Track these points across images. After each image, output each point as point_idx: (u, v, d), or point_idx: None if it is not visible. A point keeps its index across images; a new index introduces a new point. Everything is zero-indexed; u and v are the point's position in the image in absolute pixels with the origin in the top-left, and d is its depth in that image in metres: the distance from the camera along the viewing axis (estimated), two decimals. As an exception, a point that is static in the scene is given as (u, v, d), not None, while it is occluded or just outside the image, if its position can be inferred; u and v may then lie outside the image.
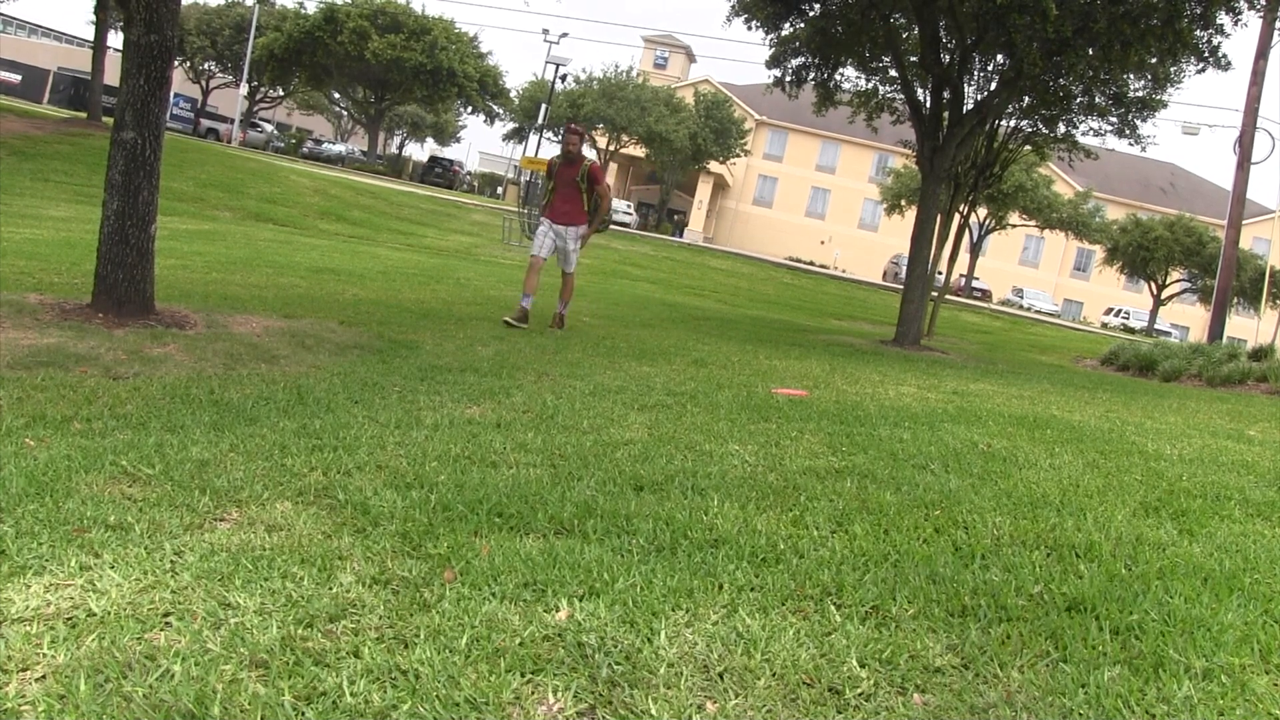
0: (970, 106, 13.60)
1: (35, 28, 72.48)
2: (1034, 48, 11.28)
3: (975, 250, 25.58)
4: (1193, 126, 26.67)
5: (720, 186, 57.74)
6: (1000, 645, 1.97)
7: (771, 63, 15.26)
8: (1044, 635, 2.05)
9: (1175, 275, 39.97)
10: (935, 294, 18.39)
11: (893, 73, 15.59)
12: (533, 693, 1.66)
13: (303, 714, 1.54)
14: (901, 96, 15.32)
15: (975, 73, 14.91)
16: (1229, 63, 12.39)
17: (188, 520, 2.38)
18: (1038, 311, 43.44)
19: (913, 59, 14.27)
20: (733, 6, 14.21)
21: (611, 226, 40.69)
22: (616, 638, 1.87)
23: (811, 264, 45.30)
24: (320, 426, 3.53)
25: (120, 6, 5.86)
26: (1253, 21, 18.92)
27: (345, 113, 62.25)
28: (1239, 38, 43.77)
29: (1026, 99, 15.13)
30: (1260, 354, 11.72)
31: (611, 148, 50.15)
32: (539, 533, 2.49)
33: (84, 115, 28.62)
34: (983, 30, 12.18)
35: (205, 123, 47.45)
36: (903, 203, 29.93)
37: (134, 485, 2.64)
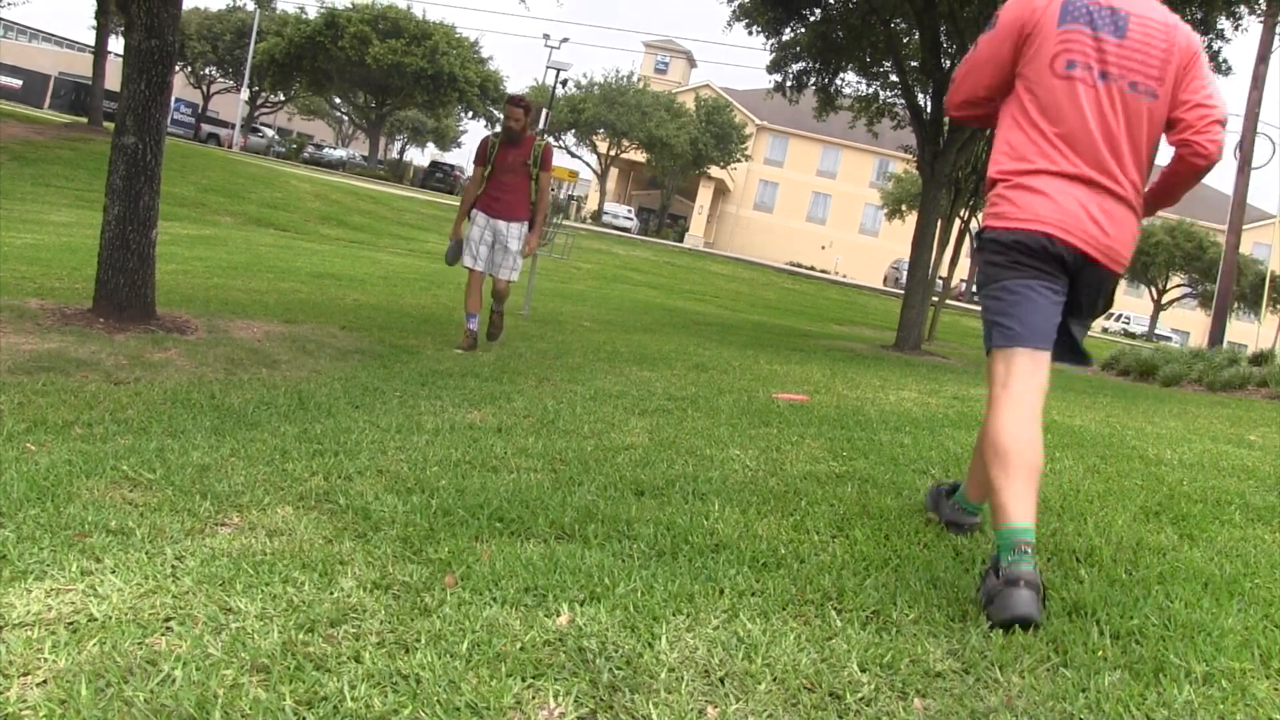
0: (971, 111, 13.60)
1: (36, 33, 72.61)
2: (1034, 53, 11.28)
3: (976, 255, 25.61)
4: (1193, 131, 26.66)
5: (721, 191, 57.79)
6: (1001, 650, 1.97)
7: (772, 68, 15.30)
8: (1045, 640, 2.05)
9: (1176, 280, 40.02)
10: (936, 299, 18.39)
11: (894, 78, 15.63)
12: (534, 697, 1.66)
13: (304, 719, 1.54)
14: (902, 101, 15.35)
15: (976, 78, 14.91)
16: (1229, 68, 12.43)
17: (189, 525, 2.38)
18: (1038, 316, 43.35)
19: (914, 64, 14.31)
20: (733, 11, 14.26)
21: (612, 231, 40.64)
22: (617, 642, 1.87)
23: (812, 269, 45.35)
24: (321, 431, 3.54)
25: (121, 11, 5.89)
26: (1253, 26, 18.95)
27: (346, 118, 62.35)
28: (1239, 42, 43.87)
29: (1027, 104, 15.13)
30: (1261, 359, 11.72)
31: (612, 153, 50.21)
32: (540, 538, 2.49)
33: (85, 120, 28.69)
34: (983, 35, 12.18)
35: (206, 128, 47.52)
36: (903, 208, 30.00)
37: (135, 490, 2.64)
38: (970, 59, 2.58)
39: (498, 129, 6.77)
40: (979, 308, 2.60)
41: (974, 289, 2.63)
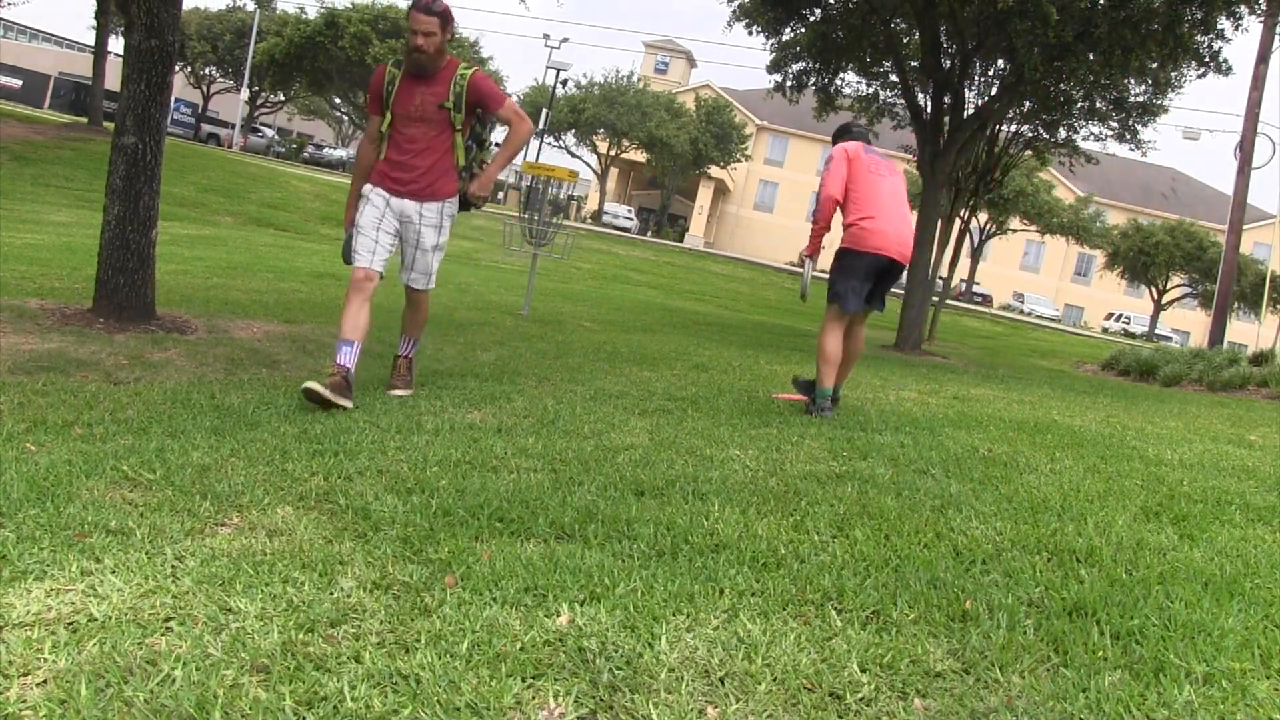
0: (971, 111, 13.63)
1: (36, 33, 72.60)
2: (1035, 53, 11.30)
3: (976, 255, 25.60)
4: (1193, 131, 26.71)
5: (721, 191, 57.78)
6: (1001, 650, 1.97)
7: (772, 68, 15.30)
8: (1045, 640, 2.05)
9: (1176, 280, 39.99)
10: (936, 299, 18.38)
11: (893, 78, 15.64)
12: (534, 698, 1.66)
13: (304, 719, 1.54)
14: (902, 101, 15.36)
15: (976, 78, 14.94)
16: (1229, 67, 12.42)
17: (189, 525, 2.38)
18: (1039, 316, 43.48)
19: (913, 64, 14.31)
20: (733, 11, 14.26)
21: (612, 231, 40.42)
22: (617, 642, 1.87)
23: (812, 269, 45.26)
24: (321, 431, 3.53)
25: (121, 11, 5.88)
26: (1253, 26, 18.94)
27: (346, 118, 62.29)
28: (1239, 42, 43.86)
29: (1027, 104, 15.17)
30: (1261, 359, 11.72)
31: (612, 153, 50.19)
32: (540, 538, 2.49)
33: (85, 120, 28.70)
34: (984, 35, 12.21)
35: (206, 128, 47.52)
36: (903, 207, 29.91)
37: (135, 490, 2.64)
38: (833, 175, 4.93)
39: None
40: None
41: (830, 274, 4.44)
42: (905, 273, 5.06)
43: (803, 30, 14.54)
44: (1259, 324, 22.80)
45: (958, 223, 18.38)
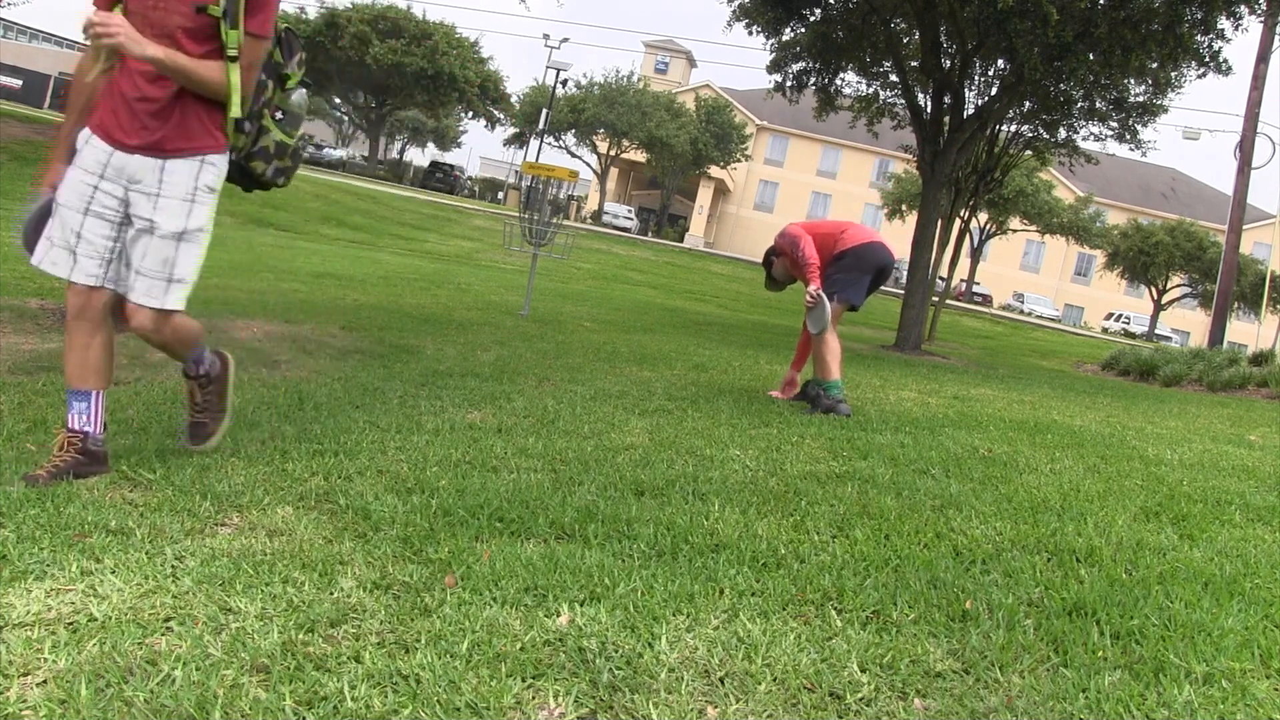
0: (971, 111, 13.61)
1: (36, 33, 72.57)
2: (1035, 53, 11.30)
3: (976, 255, 25.59)
4: (1193, 131, 26.71)
5: (721, 191, 57.77)
6: (1001, 650, 1.97)
7: (772, 68, 15.29)
8: (1045, 640, 2.05)
9: (1176, 280, 40.01)
10: (936, 299, 18.38)
11: (893, 78, 15.62)
12: (533, 698, 1.66)
13: (304, 719, 1.54)
14: (902, 101, 15.35)
15: (976, 78, 14.93)
16: (1229, 67, 12.41)
17: (189, 525, 2.38)
18: (1038, 316, 43.47)
19: (913, 64, 14.30)
20: (733, 11, 14.24)
21: (612, 231, 40.41)
22: (617, 642, 1.87)
23: (812, 269, 45.16)
24: (321, 431, 3.53)
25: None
26: (1253, 26, 18.94)
27: (346, 118, 62.30)
28: (1239, 42, 43.82)
29: (1027, 104, 15.16)
30: (1261, 359, 11.72)
31: (612, 153, 50.19)
32: (540, 538, 2.50)
33: (86, 120, 28.64)
34: (984, 35, 12.20)
35: (206, 128, 47.38)
36: (904, 208, 29.93)
37: (135, 490, 2.64)
38: (805, 247, 5.31)
39: None
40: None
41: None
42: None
43: (803, 30, 14.53)
44: (1259, 324, 22.79)
45: (958, 223, 18.37)
